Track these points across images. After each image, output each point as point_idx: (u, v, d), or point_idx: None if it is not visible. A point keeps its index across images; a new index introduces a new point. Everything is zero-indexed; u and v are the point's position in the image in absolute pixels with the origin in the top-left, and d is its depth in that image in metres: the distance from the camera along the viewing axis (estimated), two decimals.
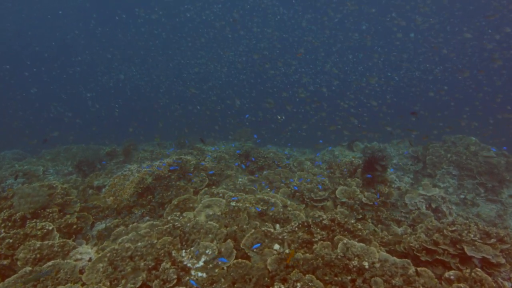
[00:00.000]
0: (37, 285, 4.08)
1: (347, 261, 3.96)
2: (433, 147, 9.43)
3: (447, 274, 4.14)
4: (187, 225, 4.94)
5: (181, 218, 5.29)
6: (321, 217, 4.68)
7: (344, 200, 6.50)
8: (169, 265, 4.21)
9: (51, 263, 4.41)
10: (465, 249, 4.64)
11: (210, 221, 5.06)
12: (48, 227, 5.23)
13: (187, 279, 4.26)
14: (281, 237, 4.55)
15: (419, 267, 4.16)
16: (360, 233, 4.63)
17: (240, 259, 4.30)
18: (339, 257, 4.03)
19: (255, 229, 4.78)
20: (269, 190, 6.95)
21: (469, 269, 4.23)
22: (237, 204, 5.59)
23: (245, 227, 5.11)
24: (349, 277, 3.79)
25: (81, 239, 5.76)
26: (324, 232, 4.55)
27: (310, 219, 4.74)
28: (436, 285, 3.80)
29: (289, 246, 4.43)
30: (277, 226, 5.32)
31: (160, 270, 4.18)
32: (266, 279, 3.87)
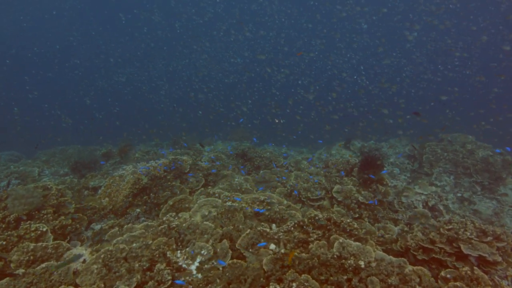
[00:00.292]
0: (30, 287, 4.05)
1: (343, 260, 3.94)
2: (430, 145, 9.43)
3: (443, 272, 4.12)
4: (183, 226, 4.90)
5: (176, 218, 5.25)
6: (317, 216, 4.65)
7: (340, 199, 6.47)
8: (163, 266, 4.17)
9: (44, 265, 4.37)
10: (462, 248, 4.63)
11: (205, 222, 5.02)
12: (42, 229, 5.18)
13: (182, 279, 4.24)
14: (277, 237, 4.52)
15: (416, 266, 4.15)
16: (356, 232, 4.60)
17: (235, 259, 4.27)
18: (335, 256, 4.00)
19: (251, 229, 4.75)
20: (266, 189, 6.91)
21: (466, 267, 4.21)
22: (233, 204, 5.55)
23: (241, 227, 5.08)
24: (345, 277, 3.76)
25: (76, 241, 5.71)
26: (320, 231, 4.53)
27: (306, 219, 4.72)
28: (432, 284, 3.78)
29: (285, 246, 4.40)
30: (273, 226, 5.29)
31: (154, 271, 4.14)
32: (261, 279, 3.84)
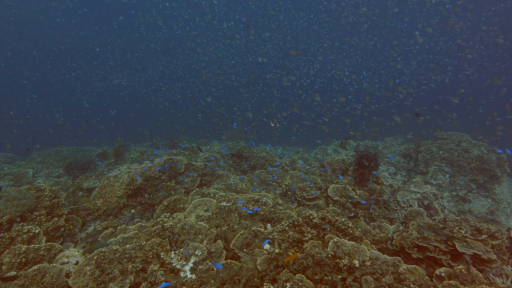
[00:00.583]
0: None
1: (338, 259, 3.92)
2: (425, 144, 9.44)
3: (438, 271, 4.12)
4: (177, 226, 4.86)
5: (171, 219, 5.21)
6: (312, 216, 4.62)
7: (336, 198, 6.46)
8: (157, 267, 4.13)
9: (36, 267, 4.32)
10: (456, 246, 4.62)
11: (200, 222, 4.99)
12: (34, 231, 5.12)
13: (176, 280, 4.20)
14: (271, 236, 4.50)
15: (411, 265, 4.13)
16: (351, 231, 4.59)
17: (230, 260, 4.24)
18: (330, 256, 3.98)
19: (245, 229, 4.72)
20: (261, 189, 6.88)
21: (460, 266, 4.21)
22: (227, 204, 5.52)
23: (235, 227, 5.05)
24: (340, 276, 3.74)
25: (69, 242, 5.65)
26: (314, 230, 4.51)
27: (300, 218, 4.69)
28: (426, 282, 3.77)
29: (279, 245, 4.37)
30: (268, 225, 5.26)
31: (148, 272, 4.11)
32: (255, 279, 3.81)
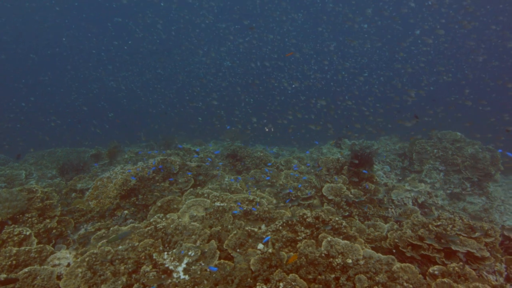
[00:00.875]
0: None
1: (331, 259, 3.91)
2: (420, 143, 9.47)
3: (431, 269, 4.11)
4: (170, 227, 4.82)
5: (164, 219, 5.17)
6: (305, 215, 4.61)
7: (331, 197, 6.45)
8: (149, 268, 4.10)
9: (27, 269, 4.26)
10: (450, 244, 4.63)
11: (193, 222, 4.95)
12: (25, 233, 5.05)
13: (169, 281, 4.16)
14: (265, 236, 4.47)
15: (404, 263, 4.13)
16: (345, 230, 4.57)
17: (223, 260, 4.22)
18: (323, 255, 3.97)
19: (239, 229, 4.70)
20: (256, 189, 6.87)
21: (453, 264, 4.21)
22: (222, 204, 5.49)
23: (229, 227, 5.03)
24: (333, 275, 3.73)
25: (61, 244, 5.59)
26: (308, 230, 4.49)
27: (294, 218, 4.67)
28: (420, 280, 3.77)
29: (273, 245, 4.35)
30: (263, 225, 5.23)
31: (140, 273, 4.06)
32: (249, 279, 3.79)
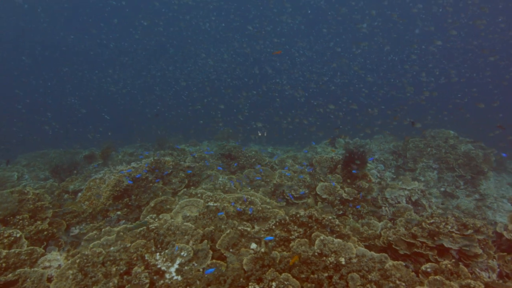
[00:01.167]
0: None
1: (324, 257, 3.89)
2: (413, 141, 9.51)
3: (424, 267, 4.12)
4: (163, 227, 4.79)
5: (157, 220, 5.13)
6: (298, 214, 4.59)
7: (325, 196, 6.45)
8: (141, 269, 4.05)
9: (17, 272, 4.20)
10: (443, 241, 4.65)
11: (186, 222, 4.92)
12: (15, 235, 4.98)
13: (161, 282, 4.13)
14: (258, 236, 4.46)
15: (397, 261, 4.13)
16: (338, 229, 4.57)
17: (215, 260, 4.19)
18: (316, 254, 3.96)
19: (232, 228, 4.67)
20: (250, 188, 6.85)
21: (446, 261, 4.22)
22: (215, 204, 5.46)
23: (223, 227, 5.00)
24: (326, 274, 3.71)
25: (53, 246, 5.52)
26: (301, 229, 4.48)
27: (287, 217, 4.66)
28: (412, 278, 3.77)
29: (266, 244, 4.33)
30: (256, 224, 5.21)
31: (132, 274, 4.02)
32: (241, 279, 3.76)
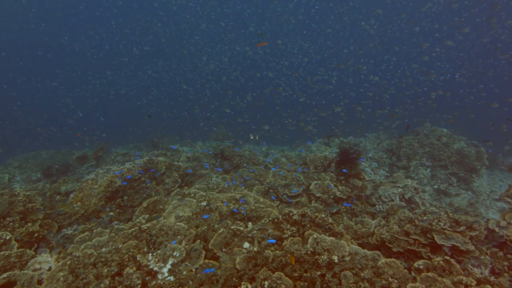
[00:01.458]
0: None
1: (317, 256, 3.88)
2: (407, 139, 9.55)
3: (416, 264, 4.13)
4: (155, 227, 4.74)
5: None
6: (291, 213, 4.58)
7: (318, 195, 6.44)
8: (133, 270, 4.01)
9: (6, 275, 4.13)
10: (435, 238, 4.66)
11: (179, 222, 4.88)
12: (5, 237, 4.91)
13: (153, 283, 4.09)
14: (251, 235, 4.43)
15: (390, 258, 4.13)
16: (331, 227, 4.56)
17: (207, 260, 4.16)
18: (309, 252, 3.94)
19: (225, 228, 4.65)
20: (243, 188, 6.82)
21: (438, 258, 4.23)
22: (208, 203, 5.43)
23: (216, 226, 4.97)
24: (319, 272, 3.70)
25: (44, 248, 5.45)
26: (294, 227, 4.46)
27: (280, 215, 4.64)
28: (405, 275, 3.78)
29: (259, 244, 4.31)
30: (249, 224, 5.19)
31: (123, 276, 3.98)
32: (234, 279, 3.74)
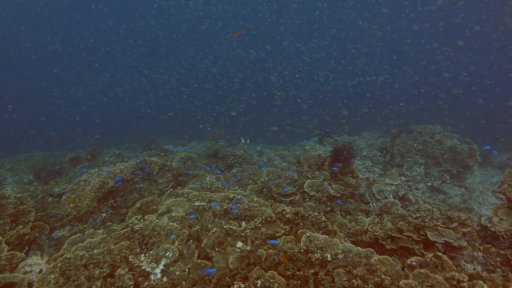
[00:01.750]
0: None
1: (310, 254, 3.88)
2: (401, 137, 9.60)
3: (409, 260, 4.14)
4: (148, 228, 4.71)
5: (142, 221, 5.04)
6: (284, 211, 4.57)
7: (312, 193, 6.45)
8: (125, 271, 3.97)
9: None
10: (428, 235, 4.68)
11: (171, 223, 4.85)
12: None
13: (146, 284, 4.05)
14: (244, 234, 4.42)
15: (383, 255, 4.14)
16: (324, 225, 4.56)
17: (200, 260, 4.14)
18: (302, 250, 3.94)
19: (218, 227, 4.62)
20: (237, 187, 6.80)
21: (431, 254, 4.25)
22: (201, 203, 5.40)
23: (209, 226, 4.95)
24: (312, 271, 3.70)
25: (35, 250, 5.39)
26: (287, 226, 4.45)
27: (273, 214, 4.63)
28: (398, 272, 3.78)
29: (252, 243, 4.30)
30: (243, 223, 5.17)
31: (115, 277, 3.94)
32: (227, 278, 3.72)
